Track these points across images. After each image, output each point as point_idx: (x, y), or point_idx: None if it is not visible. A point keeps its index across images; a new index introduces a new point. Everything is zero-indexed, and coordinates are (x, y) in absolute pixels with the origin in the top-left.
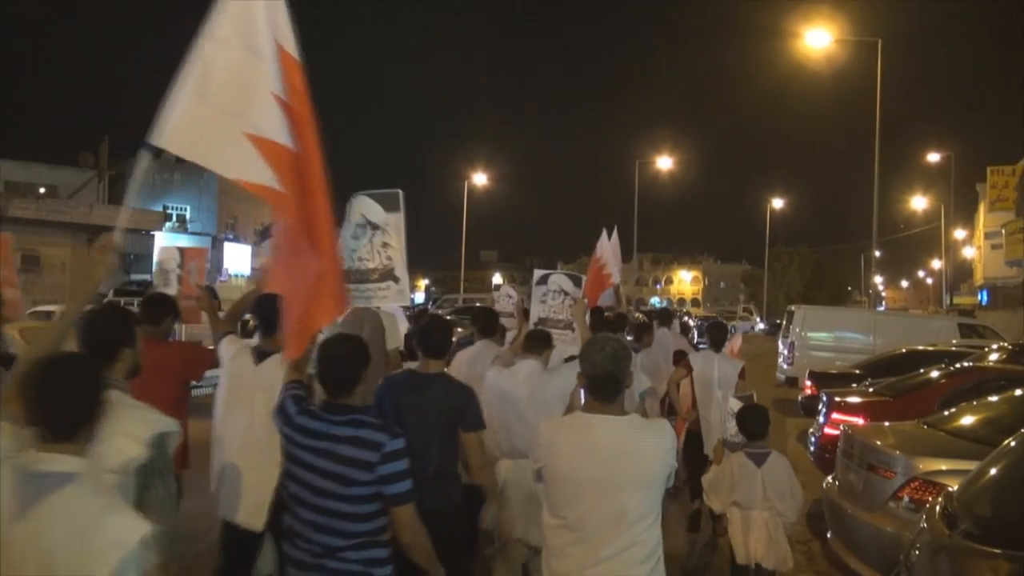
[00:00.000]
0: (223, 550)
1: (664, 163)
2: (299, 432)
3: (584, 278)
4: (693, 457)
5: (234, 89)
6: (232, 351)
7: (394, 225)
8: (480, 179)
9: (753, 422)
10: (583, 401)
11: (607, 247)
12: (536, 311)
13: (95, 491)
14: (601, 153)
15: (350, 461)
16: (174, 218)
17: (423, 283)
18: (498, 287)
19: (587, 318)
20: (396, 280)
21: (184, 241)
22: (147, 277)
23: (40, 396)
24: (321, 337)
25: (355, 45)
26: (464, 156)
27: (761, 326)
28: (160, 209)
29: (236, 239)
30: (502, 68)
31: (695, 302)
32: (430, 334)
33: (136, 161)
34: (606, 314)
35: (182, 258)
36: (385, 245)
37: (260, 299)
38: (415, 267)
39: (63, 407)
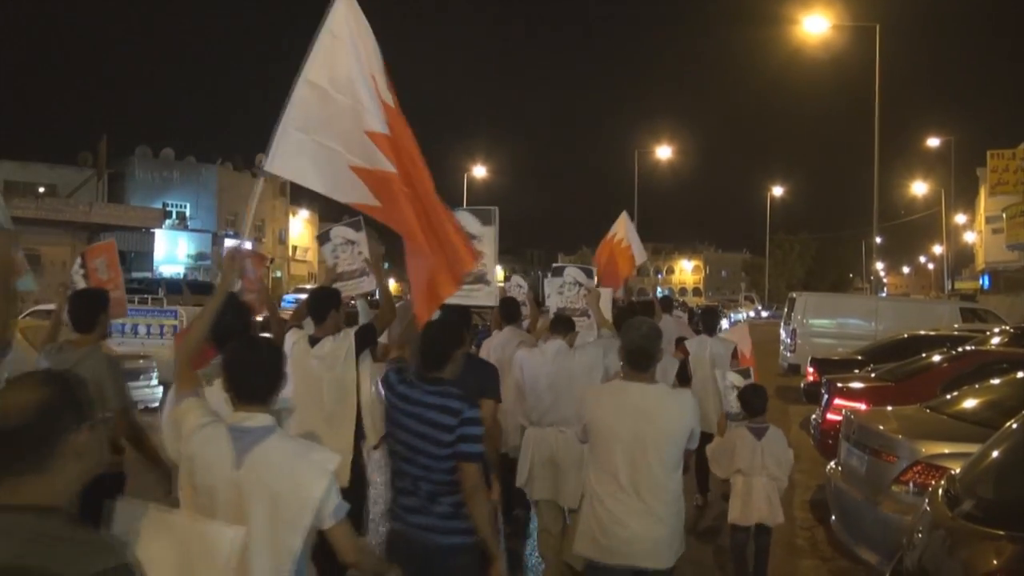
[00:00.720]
0: None
1: (663, 152)
2: (399, 398)
3: (594, 269)
4: None
5: (333, 128)
6: (293, 339)
7: (488, 236)
8: (479, 171)
9: (755, 400)
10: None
11: (630, 228)
12: (554, 301)
13: (290, 438)
14: (600, 143)
15: (435, 424)
16: (174, 215)
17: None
18: (508, 278)
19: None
20: (487, 283)
21: (184, 238)
22: (147, 275)
23: (239, 369)
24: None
25: None
26: (463, 149)
27: (764, 314)
28: (160, 207)
29: (236, 236)
30: (499, 60)
31: (696, 291)
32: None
33: (254, 187)
34: (633, 299)
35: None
36: (479, 253)
37: (309, 294)
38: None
39: (257, 377)
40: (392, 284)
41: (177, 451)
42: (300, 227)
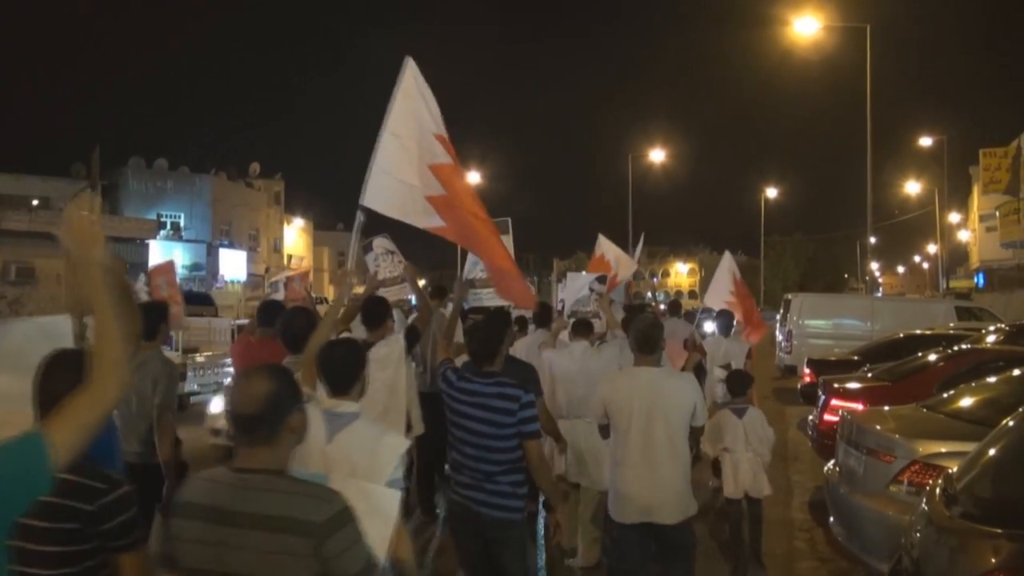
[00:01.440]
0: None
1: (657, 156)
2: (461, 392)
3: (608, 276)
4: None
5: (409, 168)
6: None
7: (505, 245)
8: (473, 177)
9: (736, 383)
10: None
11: (609, 246)
12: (570, 305)
13: (371, 423)
14: (594, 147)
15: (498, 410)
16: (168, 226)
17: (420, 283)
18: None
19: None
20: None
21: (179, 248)
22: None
23: (329, 365)
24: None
25: (341, 44)
26: (458, 152)
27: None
28: (154, 217)
29: (231, 245)
30: (492, 65)
31: (692, 294)
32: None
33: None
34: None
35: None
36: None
37: (365, 300)
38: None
39: (346, 372)
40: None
41: None
42: (295, 236)
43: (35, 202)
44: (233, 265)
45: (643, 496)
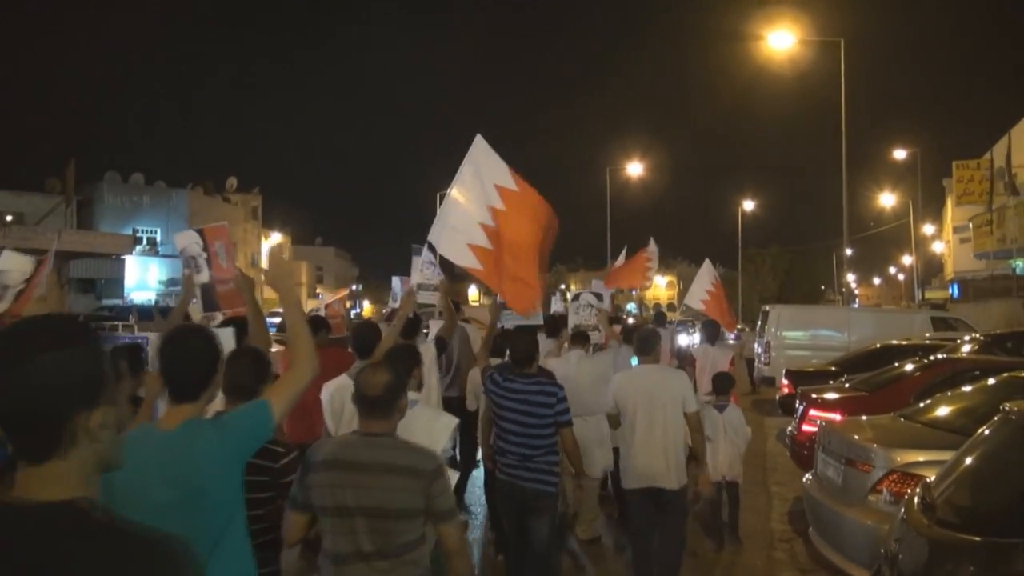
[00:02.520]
0: None
1: (634, 169)
2: (506, 391)
3: (604, 295)
4: None
5: (462, 223)
6: None
7: None
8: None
9: (720, 383)
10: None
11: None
12: (572, 319)
13: (428, 407)
14: (571, 161)
15: (539, 404)
16: (144, 241)
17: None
18: (577, 297)
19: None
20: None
21: (155, 264)
22: (118, 302)
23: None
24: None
25: (321, 60)
26: (433, 170)
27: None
28: (130, 232)
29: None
30: (471, 78)
31: (671, 307)
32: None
33: (418, 252)
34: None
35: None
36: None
37: (406, 322)
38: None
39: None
40: (367, 306)
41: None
42: None
43: (9, 218)
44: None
45: (647, 467)
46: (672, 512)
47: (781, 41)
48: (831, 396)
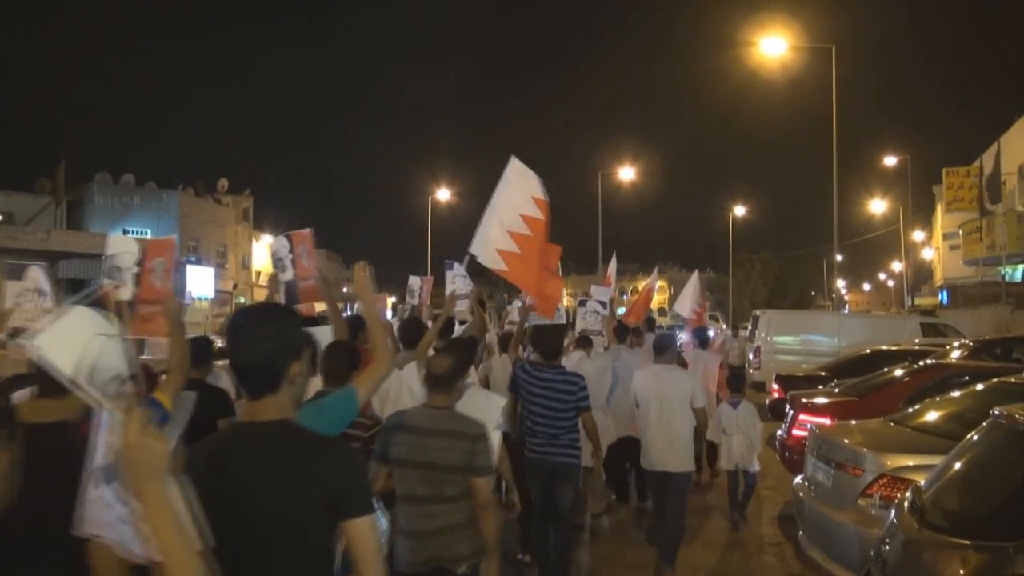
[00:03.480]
0: None
1: (626, 174)
2: (536, 379)
3: (606, 302)
4: None
5: (493, 231)
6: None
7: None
8: (443, 195)
9: (734, 382)
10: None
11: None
12: (580, 324)
13: (481, 389)
14: (563, 165)
15: (563, 391)
16: None
17: (390, 300)
18: (583, 303)
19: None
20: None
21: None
22: None
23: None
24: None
25: (312, 61)
26: (426, 172)
27: (729, 332)
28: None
29: (198, 261)
30: (463, 84)
31: (662, 311)
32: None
33: (450, 267)
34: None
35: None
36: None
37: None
38: (381, 286)
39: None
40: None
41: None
42: (263, 253)
43: None
44: (201, 282)
45: (659, 453)
46: (674, 493)
47: (773, 47)
48: (821, 401)
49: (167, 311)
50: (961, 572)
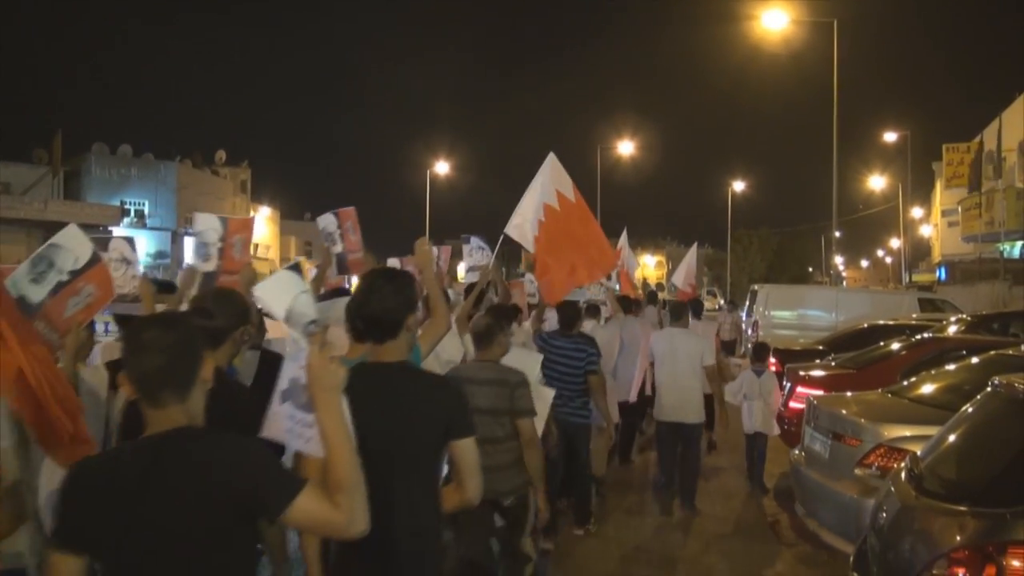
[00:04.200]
0: None
1: (625, 148)
2: (554, 347)
3: (612, 274)
4: None
5: (527, 215)
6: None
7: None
8: (442, 168)
9: (759, 352)
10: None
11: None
12: (585, 293)
13: (523, 349)
14: (563, 139)
15: (575, 357)
16: (132, 213)
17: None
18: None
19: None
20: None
21: (144, 236)
22: None
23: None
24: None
25: (312, 32)
26: (425, 145)
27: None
28: (117, 204)
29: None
30: (462, 57)
31: (659, 286)
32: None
33: (467, 240)
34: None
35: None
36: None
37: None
38: (381, 257)
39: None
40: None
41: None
42: (261, 225)
43: None
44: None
45: (673, 404)
46: (689, 442)
47: (774, 21)
48: (818, 374)
49: (242, 279)
50: (958, 538)
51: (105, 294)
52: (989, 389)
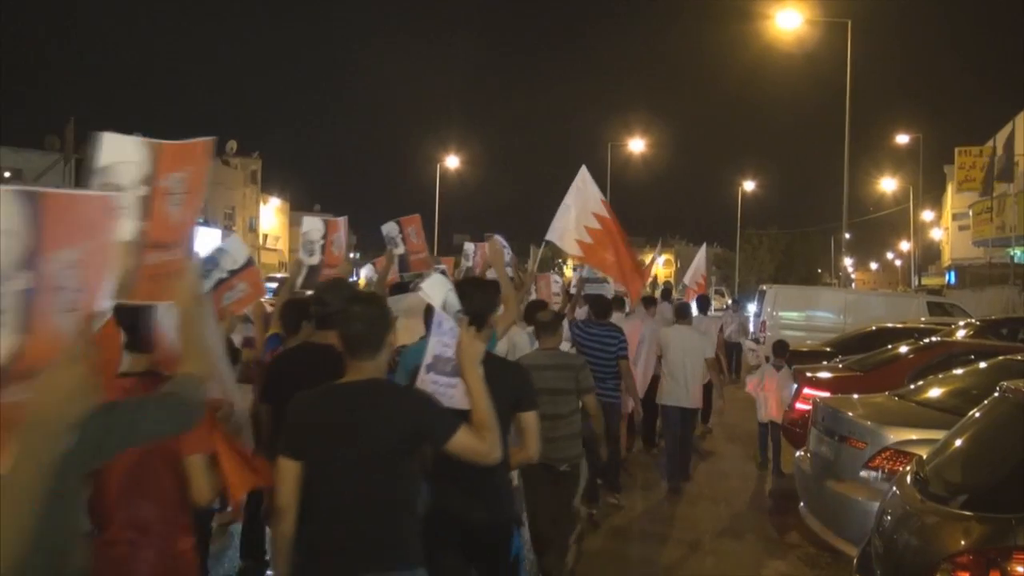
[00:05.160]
0: None
1: (636, 146)
2: (589, 334)
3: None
4: None
5: (569, 222)
6: None
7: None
8: (452, 162)
9: (778, 348)
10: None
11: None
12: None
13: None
14: (574, 135)
15: (608, 343)
16: None
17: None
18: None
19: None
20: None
21: None
22: None
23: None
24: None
25: (324, 23)
26: (435, 140)
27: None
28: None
29: (205, 223)
30: (473, 51)
31: (668, 284)
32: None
33: (538, 247)
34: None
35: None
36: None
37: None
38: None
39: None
40: (363, 276)
41: None
42: (271, 215)
43: (7, 174)
44: (208, 244)
45: (677, 392)
46: (684, 424)
47: (788, 21)
48: (825, 375)
49: (340, 272)
50: (963, 542)
51: (256, 291)
52: (997, 394)
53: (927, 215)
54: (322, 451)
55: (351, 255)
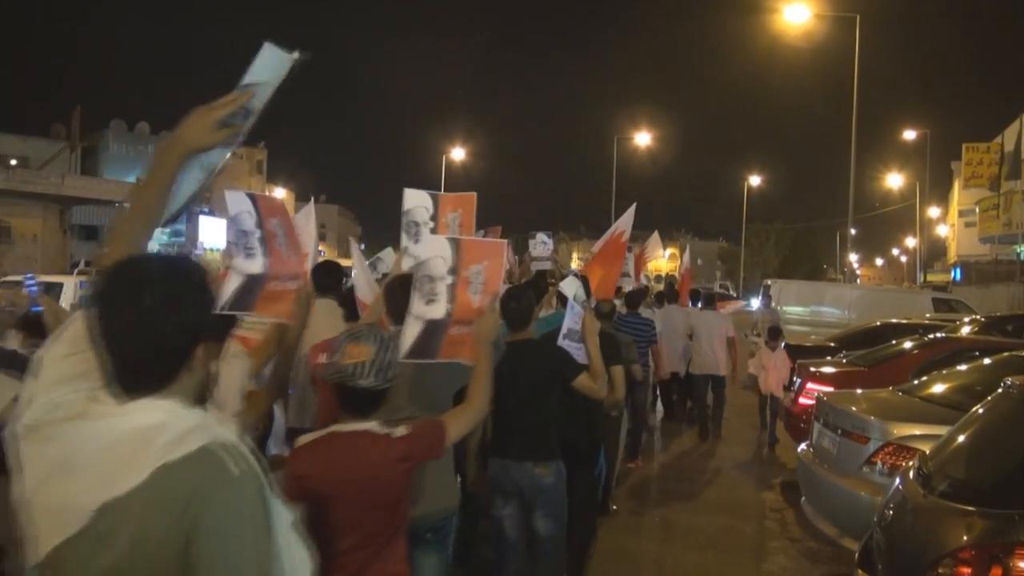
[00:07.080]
0: None
1: (642, 139)
2: (626, 321)
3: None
4: None
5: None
6: None
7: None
8: (458, 154)
9: (772, 333)
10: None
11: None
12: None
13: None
14: (580, 129)
15: (643, 330)
16: None
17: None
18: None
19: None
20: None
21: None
22: None
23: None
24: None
25: (328, 13)
26: (441, 131)
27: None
28: (134, 180)
29: (211, 213)
30: (481, 44)
31: (671, 279)
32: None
33: (533, 235)
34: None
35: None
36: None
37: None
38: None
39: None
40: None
41: None
42: None
43: (13, 161)
44: (213, 233)
45: (705, 363)
46: (718, 387)
47: (796, 15)
48: (829, 370)
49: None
50: (965, 538)
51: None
52: (1001, 390)
53: (933, 211)
54: (507, 378)
55: (361, 246)
